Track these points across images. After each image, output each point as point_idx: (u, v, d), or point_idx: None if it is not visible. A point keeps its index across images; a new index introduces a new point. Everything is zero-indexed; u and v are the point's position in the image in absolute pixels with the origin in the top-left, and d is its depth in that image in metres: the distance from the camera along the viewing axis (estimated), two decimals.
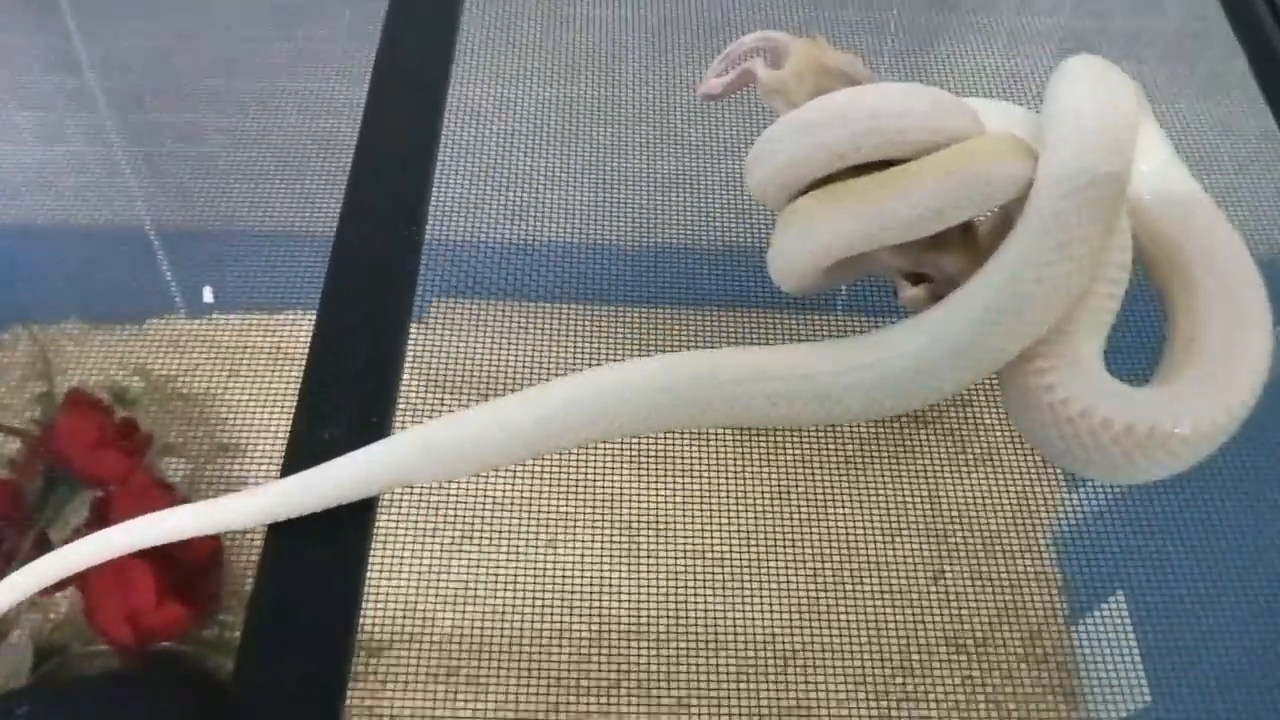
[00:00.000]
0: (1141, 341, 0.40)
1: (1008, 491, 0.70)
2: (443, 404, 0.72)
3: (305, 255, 0.69)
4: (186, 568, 0.59)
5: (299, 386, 0.43)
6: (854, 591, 0.64)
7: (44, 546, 0.60)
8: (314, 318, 0.76)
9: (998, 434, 0.73)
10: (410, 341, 0.53)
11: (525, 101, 0.62)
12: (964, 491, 0.69)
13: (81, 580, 0.58)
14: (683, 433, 0.71)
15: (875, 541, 0.67)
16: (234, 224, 0.72)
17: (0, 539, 0.61)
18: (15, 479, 0.63)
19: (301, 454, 0.39)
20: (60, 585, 0.63)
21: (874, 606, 0.63)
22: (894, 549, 0.66)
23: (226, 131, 0.73)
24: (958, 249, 0.32)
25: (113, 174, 0.75)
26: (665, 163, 0.62)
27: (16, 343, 0.73)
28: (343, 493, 0.36)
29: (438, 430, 0.36)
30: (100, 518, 0.60)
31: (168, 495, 0.63)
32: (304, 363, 0.46)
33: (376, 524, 0.69)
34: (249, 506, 0.36)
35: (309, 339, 0.53)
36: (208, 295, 0.67)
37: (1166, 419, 0.30)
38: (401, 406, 0.71)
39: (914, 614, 0.64)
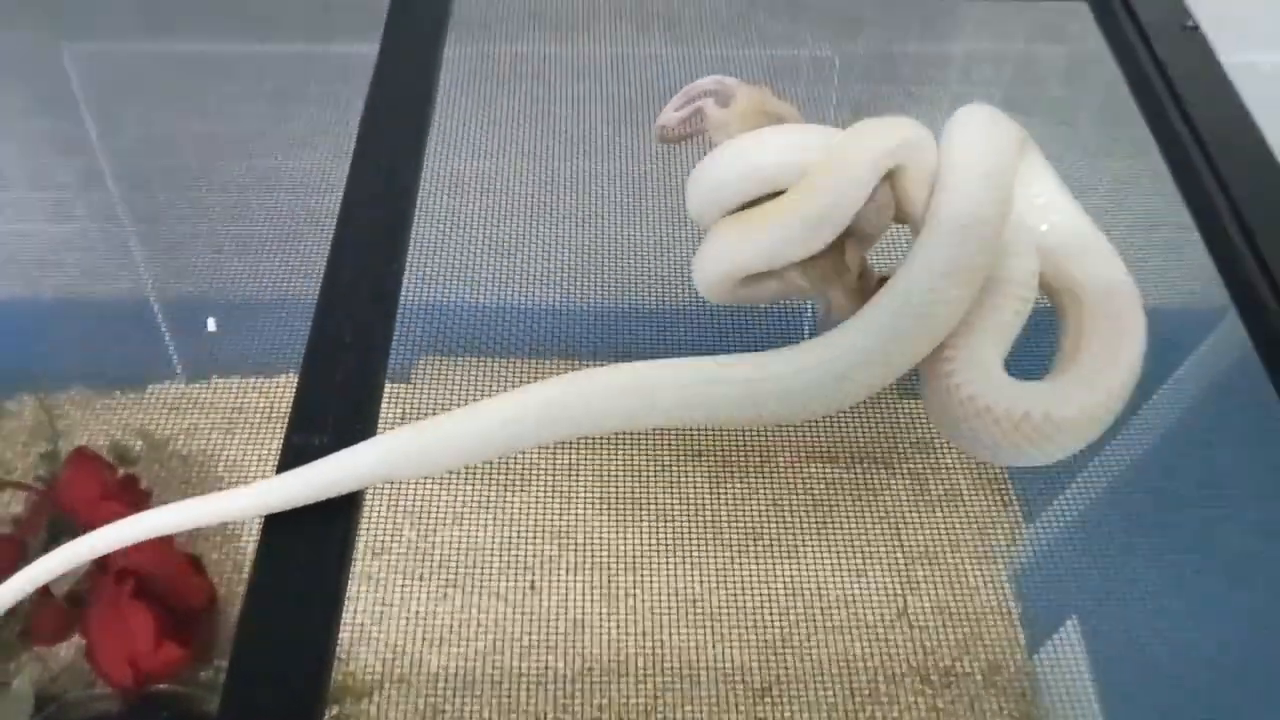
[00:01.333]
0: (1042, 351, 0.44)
1: (967, 529, 0.74)
2: None
3: (297, 323, 0.73)
4: (184, 612, 0.62)
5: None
6: (824, 626, 0.66)
7: (46, 598, 0.63)
8: None
9: (958, 476, 0.77)
10: (394, 398, 0.56)
11: (501, 173, 0.66)
12: (927, 530, 0.73)
13: (83, 624, 0.61)
14: (656, 477, 0.75)
15: (843, 579, 0.70)
16: (230, 294, 0.76)
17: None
18: (19, 535, 0.66)
19: None
20: (61, 635, 0.66)
21: (843, 640, 0.66)
22: (861, 585, 0.69)
23: (224, 208, 0.78)
24: (846, 284, 0.37)
25: (117, 250, 0.80)
26: (635, 229, 0.66)
27: (22, 410, 0.77)
28: (334, 485, 0.39)
29: (422, 427, 0.39)
30: (102, 569, 0.63)
31: (167, 547, 0.66)
32: None
33: (366, 569, 0.72)
34: (245, 499, 0.39)
35: None
36: (211, 325, 0.71)
37: (1055, 406, 0.34)
38: None
39: (881, 647, 0.66)
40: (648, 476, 0.77)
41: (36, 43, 0.68)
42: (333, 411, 0.45)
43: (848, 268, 0.37)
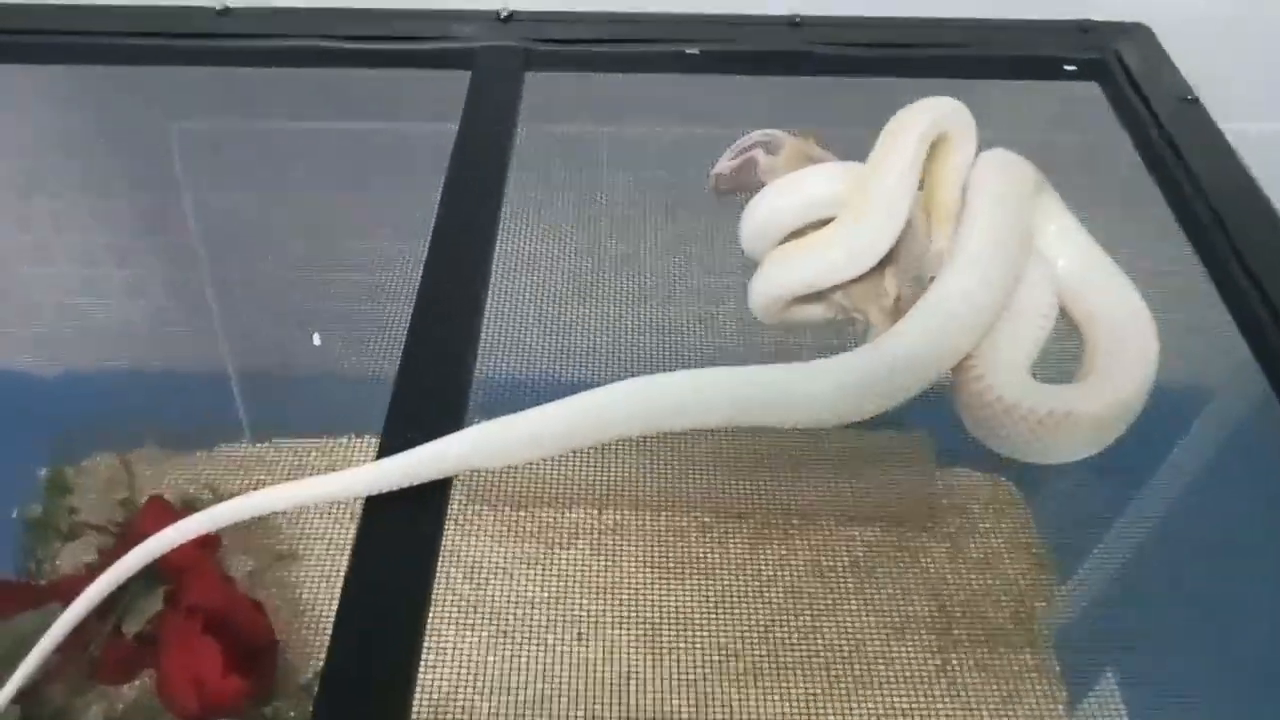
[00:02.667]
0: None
1: (1005, 591, 0.75)
2: (480, 514, 0.79)
3: (361, 391, 0.77)
4: (247, 650, 0.65)
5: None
6: (865, 683, 0.68)
7: (118, 635, 0.66)
8: (366, 441, 0.85)
9: (994, 539, 0.79)
10: None
11: (560, 257, 0.70)
12: (965, 591, 0.74)
13: (154, 656, 0.64)
14: (699, 537, 0.77)
15: (883, 637, 0.72)
16: (299, 363, 0.81)
17: (82, 627, 0.67)
18: (94, 575, 0.70)
19: None
20: (129, 674, 0.69)
21: (884, 697, 0.67)
22: (901, 643, 0.70)
23: (299, 285, 0.83)
24: (883, 305, 0.41)
25: (193, 319, 0.85)
26: (678, 309, 0.70)
27: (98, 467, 0.81)
28: (422, 472, 0.42)
29: (496, 424, 0.43)
30: (174, 606, 0.66)
31: (233, 588, 0.70)
32: None
33: (429, 613, 0.74)
34: (344, 481, 0.43)
35: (359, 458, 0.60)
36: (316, 339, 0.75)
37: (1078, 404, 0.37)
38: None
39: (922, 703, 0.67)
40: (691, 536, 0.80)
41: (147, 120, 0.74)
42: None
43: (886, 291, 0.41)
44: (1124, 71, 0.58)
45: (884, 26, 0.60)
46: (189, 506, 0.74)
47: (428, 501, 0.43)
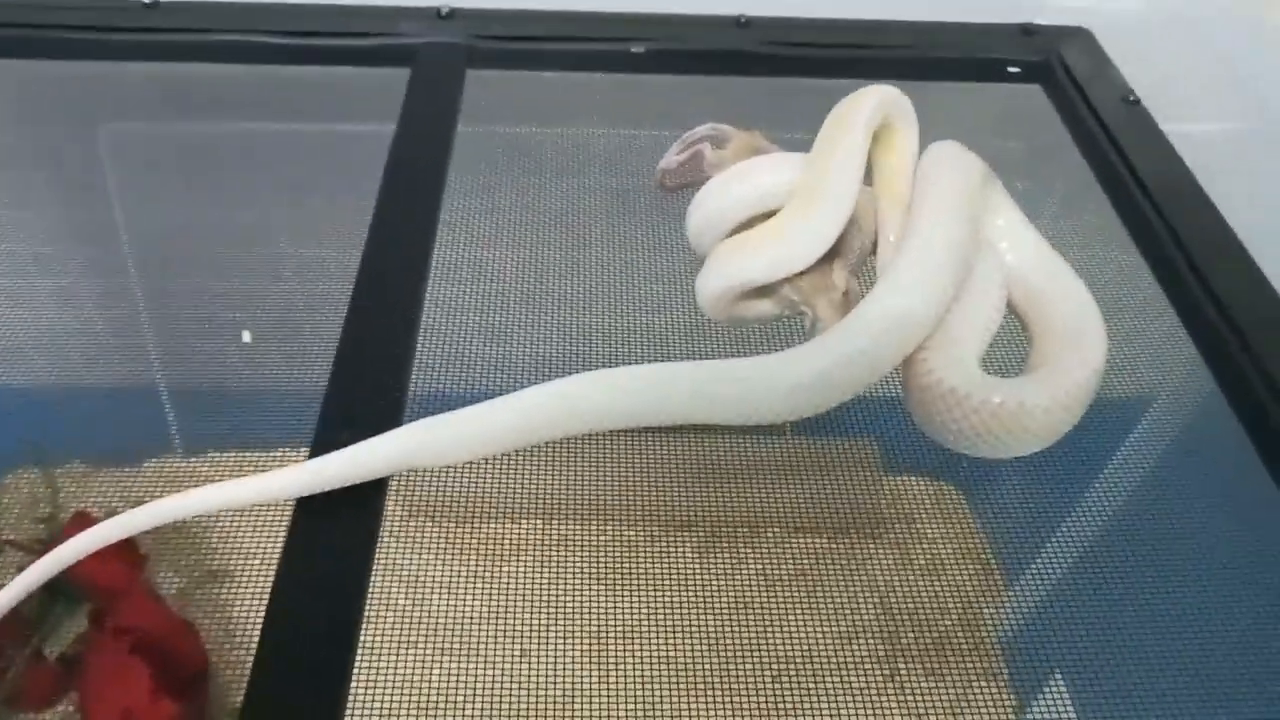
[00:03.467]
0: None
1: (952, 597, 0.75)
2: (422, 528, 0.77)
3: (295, 403, 0.75)
4: (178, 674, 0.62)
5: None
6: (815, 693, 0.67)
7: (39, 659, 0.63)
8: (302, 455, 0.82)
9: (940, 547, 0.79)
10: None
11: (501, 263, 0.69)
12: (912, 598, 0.74)
13: (78, 681, 0.61)
14: (645, 549, 0.76)
15: (832, 646, 0.71)
16: (230, 376, 0.79)
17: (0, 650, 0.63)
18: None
19: None
20: (53, 698, 0.66)
21: (833, 705, 0.66)
22: (850, 652, 0.70)
23: (231, 293, 0.81)
24: (832, 299, 0.40)
25: (121, 334, 0.82)
26: (625, 314, 0.69)
27: (19, 484, 0.78)
28: (358, 472, 0.40)
29: (440, 421, 0.41)
30: (99, 626, 0.63)
31: (161, 607, 0.67)
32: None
33: (361, 631, 0.72)
34: (274, 483, 0.41)
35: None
36: (246, 337, 0.72)
37: (1028, 394, 0.37)
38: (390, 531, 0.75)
39: (871, 710, 0.67)
40: (637, 547, 0.78)
41: (73, 120, 0.72)
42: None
43: (834, 284, 0.40)
44: (1066, 74, 0.58)
45: (830, 28, 0.61)
46: None
47: (361, 508, 0.42)
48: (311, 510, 0.42)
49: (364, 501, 0.43)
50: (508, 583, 0.75)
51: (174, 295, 0.79)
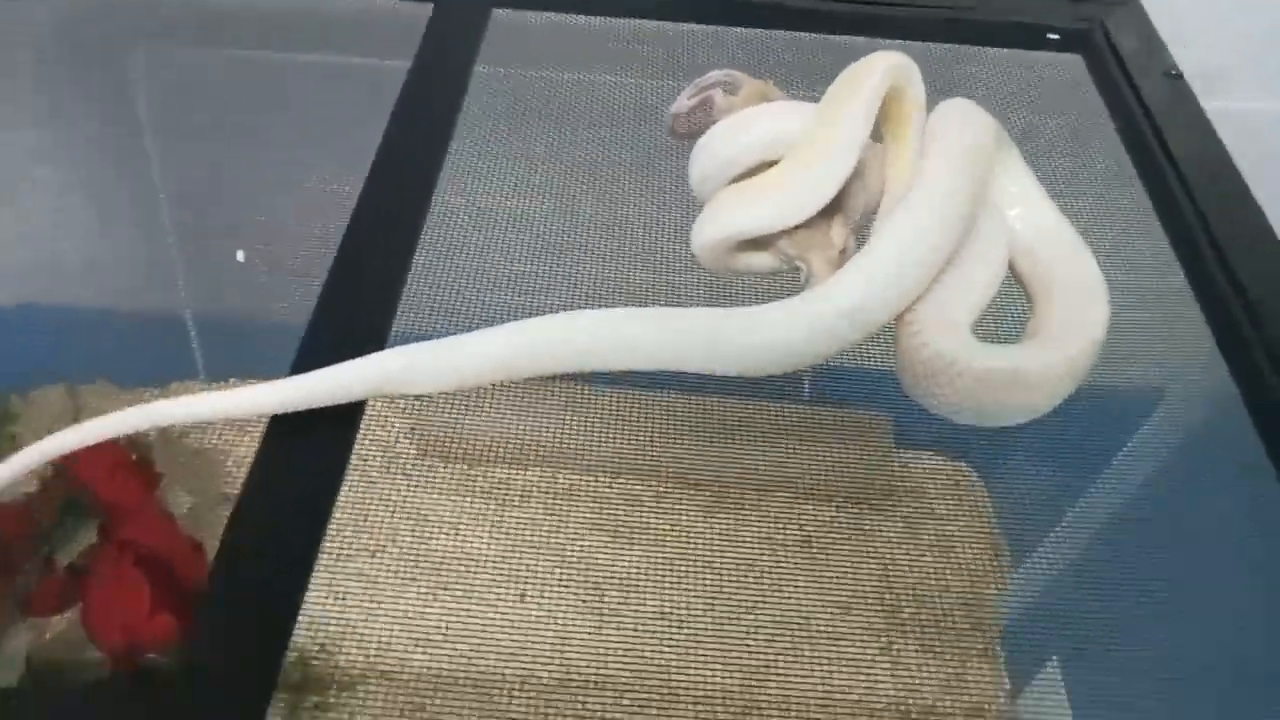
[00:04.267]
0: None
1: (956, 575, 0.74)
2: (433, 468, 0.77)
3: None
4: (181, 591, 0.64)
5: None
6: (807, 658, 0.67)
7: (50, 568, 0.65)
8: None
9: (949, 525, 0.78)
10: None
11: (503, 209, 0.67)
12: (915, 573, 0.73)
13: (82, 590, 0.63)
14: (652, 504, 0.76)
15: (829, 614, 0.71)
16: (254, 303, 0.80)
17: (10, 559, 0.65)
18: (28, 503, 0.68)
19: None
20: (61, 606, 0.68)
21: (825, 672, 0.66)
22: (846, 621, 0.69)
23: (256, 223, 0.81)
24: (828, 256, 0.39)
25: (155, 257, 0.84)
26: (628, 271, 0.67)
27: (48, 398, 0.80)
28: (335, 393, 0.41)
29: (422, 347, 0.41)
30: (107, 540, 0.65)
31: (171, 525, 0.68)
32: None
33: (362, 568, 0.73)
34: (251, 396, 0.41)
35: None
36: (240, 256, 0.73)
37: (1020, 361, 0.36)
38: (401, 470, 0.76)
39: (863, 682, 0.66)
40: (644, 502, 0.79)
41: (109, 48, 0.72)
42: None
43: (832, 241, 0.39)
44: (1108, 43, 0.56)
45: None
46: (132, 443, 0.73)
47: (337, 424, 0.42)
48: (285, 429, 0.42)
49: (339, 423, 0.42)
50: (512, 527, 0.76)
51: (204, 224, 0.81)
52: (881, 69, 0.39)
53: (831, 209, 0.40)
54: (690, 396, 0.75)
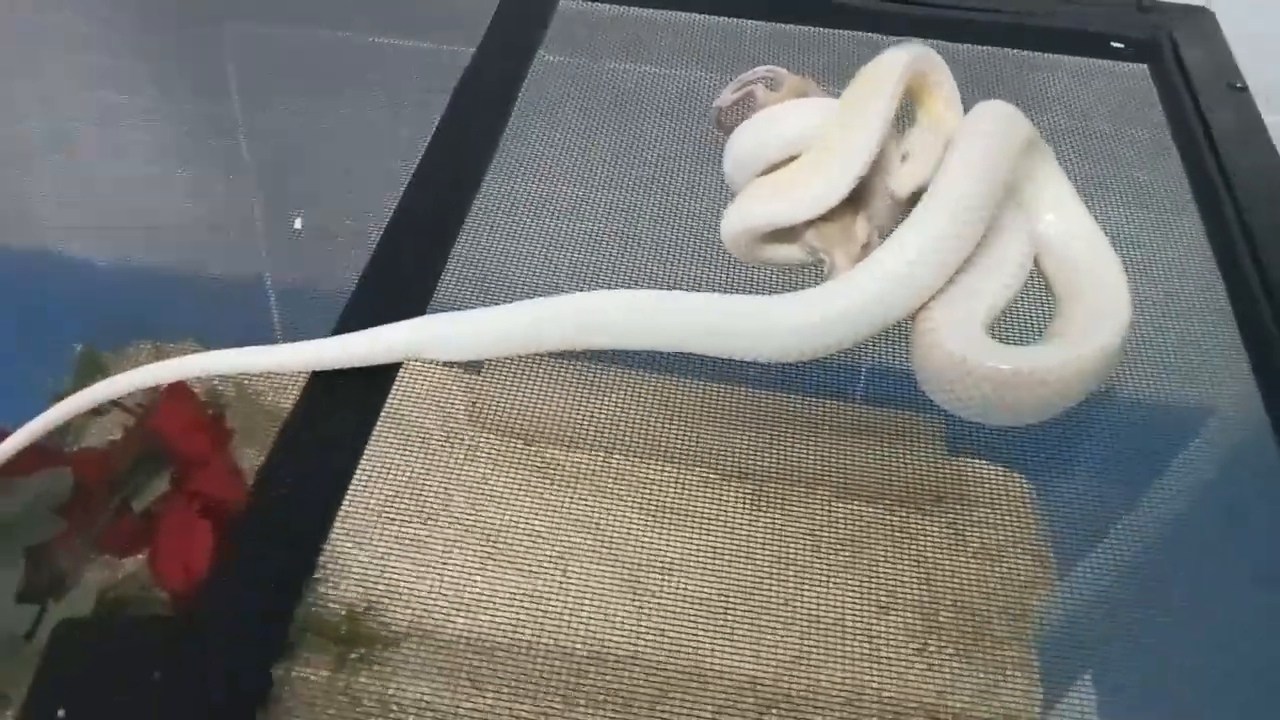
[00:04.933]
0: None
1: (1000, 585, 0.73)
2: (489, 442, 0.80)
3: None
4: None
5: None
6: (840, 655, 0.67)
7: (124, 512, 0.69)
8: None
9: (997, 532, 0.77)
10: None
11: (551, 195, 0.68)
12: (958, 579, 0.73)
13: (152, 536, 0.67)
14: (699, 491, 0.77)
15: (867, 614, 0.71)
16: (332, 273, 0.83)
17: (90, 502, 0.70)
18: (110, 451, 0.73)
19: None
20: (132, 549, 0.72)
21: (857, 670, 0.67)
22: (884, 623, 0.69)
23: (348, 201, 0.85)
24: (850, 251, 0.40)
25: (240, 227, 0.88)
26: (670, 263, 0.68)
27: (139, 354, 0.85)
28: (371, 354, 0.43)
29: (462, 315, 0.43)
30: (178, 489, 0.69)
31: (238, 480, 0.72)
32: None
33: (415, 533, 0.76)
34: (297, 353, 0.44)
35: None
36: (298, 223, 0.77)
37: (1030, 362, 0.36)
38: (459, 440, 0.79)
39: (895, 683, 0.67)
40: (691, 489, 0.80)
41: (201, 22, 0.77)
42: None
43: (855, 237, 0.40)
44: (1174, 54, 0.55)
45: None
46: (211, 398, 0.77)
47: (370, 385, 0.44)
48: (325, 385, 0.45)
49: (372, 385, 0.45)
50: (560, 505, 0.78)
51: (281, 192, 0.84)
52: (899, 64, 0.40)
53: (856, 204, 0.40)
54: (744, 389, 0.76)
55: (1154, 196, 0.55)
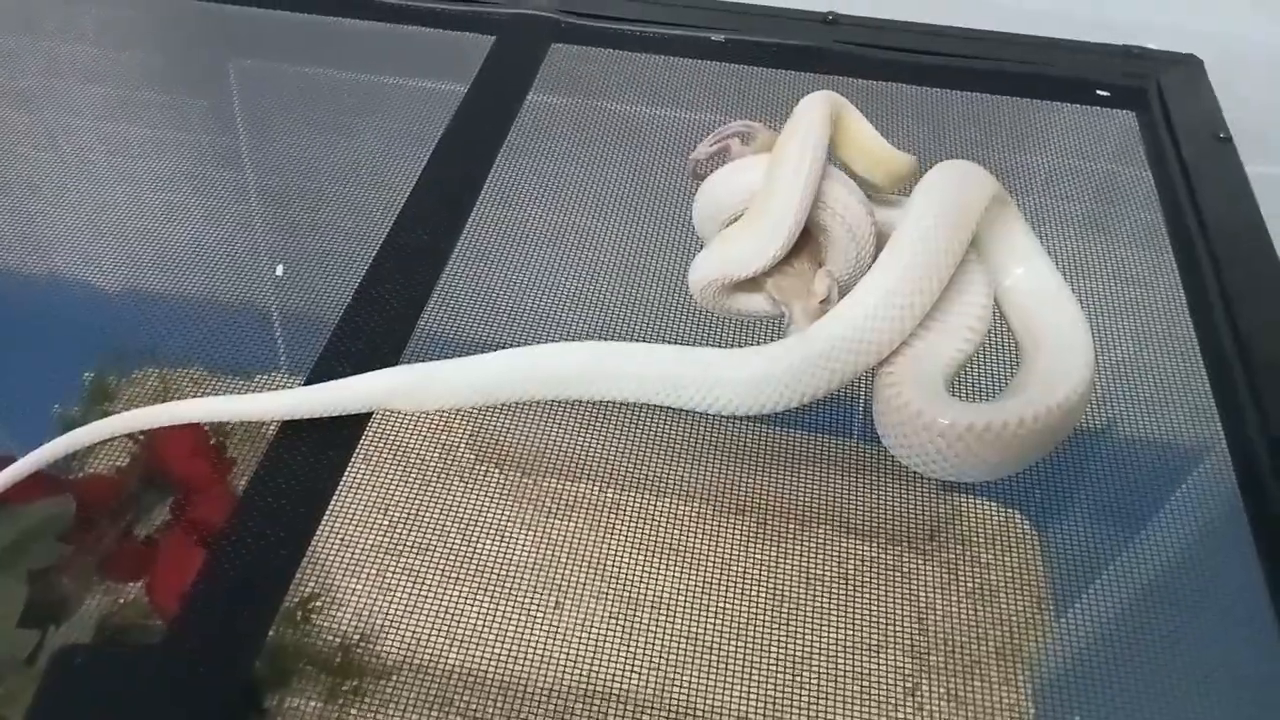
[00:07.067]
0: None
1: (995, 626, 0.73)
2: (486, 474, 0.80)
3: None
4: None
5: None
6: (830, 694, 0.67)
7: (128, 537, 0.70)
8: None
9: (993, 573, 0.77)
10: None
11: (536, 229, 0.69)
12: (952, 620, 0.73)
13: (149, 566, 0.68)
14: (694, 526, 0.77)
15: (859, 654, 0.71)
16: (334, 302, 0.84)
17: (96, 526, 0.71)
18: (120, 477, 0.74)
19: None
20: (134, 574, 0.73)
21: (846, 708, 0.66)
22: (875, 662, 0.69)
23: (344, 231, 0.86)
24: (809, 305, 0.40)
25: (249, 257, 0.90)
26: (640, 296, 0.68)
27: (146, 380, 0.86)
28: (345, 404, 0.44)
29: (429, 368, 0.44)
30: (177, 517, 0.70)
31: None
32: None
33: (409, 564, 0.76)
34: (270, 403, 0.44)
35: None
36: (279, 270, 0.78)
37: (984, 418, 0.36)
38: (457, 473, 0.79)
39: None
40: (685, 524, 0.80)
41: (210, 58, 0.78)
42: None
43: (813, 291, 0.40)
44: (1160, 102, 0.55)
45: (918, 32, 0.59)
46: (214, 426, 0.78)
47: (341, 432, 0.45)
48: (293, 432, 0.45)
49: (340, 431, 0.46)
50: (555, 538, 0.78)
51: (288, 222, 0.85)
52: (815, 114, 0.40)
53: (815, 258, 0.41)
54: (743, 425, 0.76)
55: (1131, 240, 0.55)
